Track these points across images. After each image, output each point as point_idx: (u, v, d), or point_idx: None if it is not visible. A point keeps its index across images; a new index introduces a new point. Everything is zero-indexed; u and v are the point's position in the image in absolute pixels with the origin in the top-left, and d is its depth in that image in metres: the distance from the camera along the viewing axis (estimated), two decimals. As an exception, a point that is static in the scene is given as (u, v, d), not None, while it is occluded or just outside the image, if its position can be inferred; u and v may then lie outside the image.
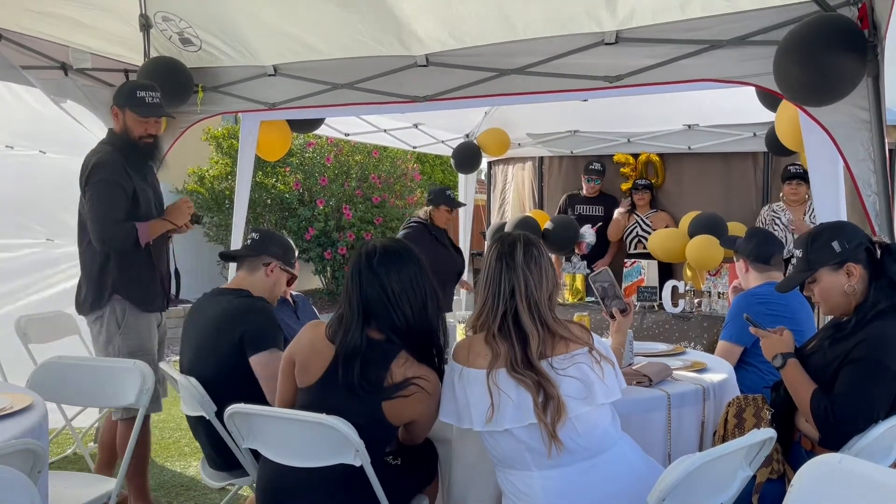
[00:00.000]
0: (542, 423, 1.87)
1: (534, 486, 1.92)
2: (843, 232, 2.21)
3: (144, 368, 2.39)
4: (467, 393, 1.95)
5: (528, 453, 1.91)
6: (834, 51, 2.47)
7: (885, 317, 2.09)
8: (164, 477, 3.83)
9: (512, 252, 2.00)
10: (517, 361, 1.91)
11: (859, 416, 2.00)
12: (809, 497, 1.38)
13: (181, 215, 3.24)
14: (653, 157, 5.87)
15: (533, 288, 1.97)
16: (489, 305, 1.99)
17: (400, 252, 2.10)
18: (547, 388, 1.88)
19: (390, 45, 3.53)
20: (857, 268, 2.15)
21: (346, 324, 2.07)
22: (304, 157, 9.89)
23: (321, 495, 2.06)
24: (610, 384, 1.96)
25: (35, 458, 1.64)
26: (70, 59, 3.80)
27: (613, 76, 3.16)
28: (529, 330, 1.94)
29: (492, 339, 1.96)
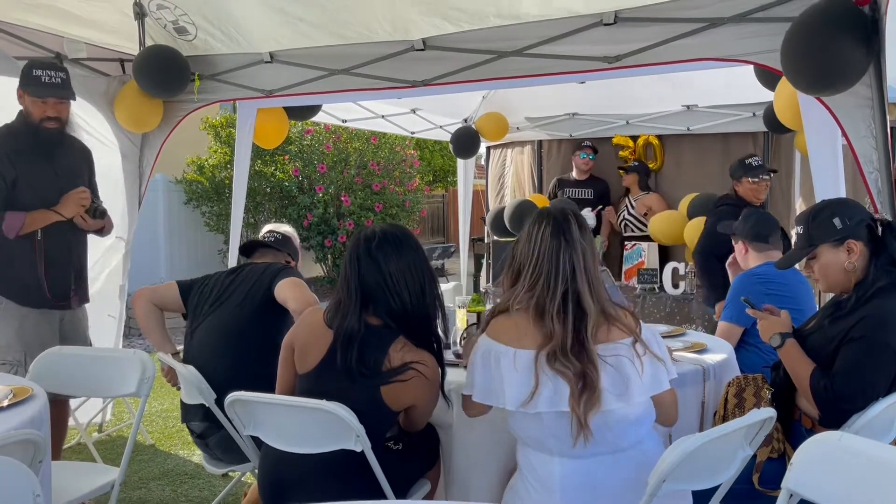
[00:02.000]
0: (574, 413, 1.79)
1: (552, 472, 1.89)
2: (845, 208, 2.19)
3: (144, 357, 2.38)
4: (504, 372, 1.85)
5: (553, 439, 1.87)
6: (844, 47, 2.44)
7: (885, 294, 2.08)
8: (167, 465, 3.85)
9: (568, 227, 1.88)
10: (567, 346, 1.80)
11: (859, 393, 1.99)
12: (809, 474, 1.38)
13: (67, 206, 3.06)
14: (652, 139, 5.84)
15: (591, 264, 1.88)
16: (543, 285, 1.86)
17: (399, 237, 2.10)
18: (590, 375, 1.79)
19: (386, 31, 3.51)
20: (857, 245, 2.14)
21: (344, 308, 2.06)
22: (302, 145, 9.86)
23: (322, 482, 2.06)
24: (648, 381, 1.85)
25: (36, 448, 1.64)
26: (65, 50, 3.77)
27: (612, 57, 3.13)
28: (589, 310, 1.83)
29: (549, 321, 1.84)
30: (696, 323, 4.37)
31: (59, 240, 3.10)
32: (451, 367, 2.55)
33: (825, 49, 2.47)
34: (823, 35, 2.48)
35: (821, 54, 2.48)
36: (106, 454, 3.92)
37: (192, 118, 4.19)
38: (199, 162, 9.69)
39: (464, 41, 3.43)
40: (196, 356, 2.71)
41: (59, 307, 3.15)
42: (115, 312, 4.28)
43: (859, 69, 2.49)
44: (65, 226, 3.09)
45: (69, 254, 3.16)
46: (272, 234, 3.15)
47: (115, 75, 4.04)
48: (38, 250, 3.02)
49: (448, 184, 16.06)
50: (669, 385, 1.90)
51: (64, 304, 3.16)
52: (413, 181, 10.90)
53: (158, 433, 4.38)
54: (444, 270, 11.03)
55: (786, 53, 2.60)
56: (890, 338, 2.00)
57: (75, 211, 3.07)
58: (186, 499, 3.43)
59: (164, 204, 9.75)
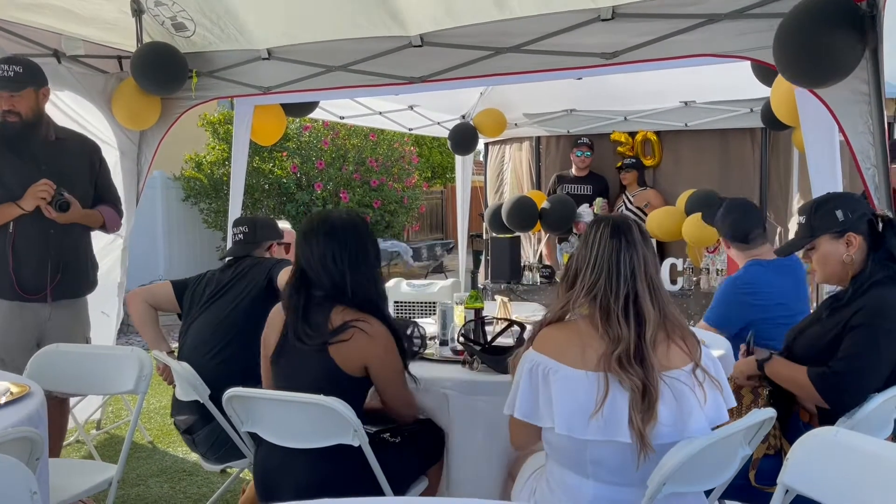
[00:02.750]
0: (633, 429, 1.66)
1: (585, 493, 1.78)
2: (848, 202, 2.22)
3: (142, 355, 2.39)
4: (553, 391, 1.72)
5: (593, 465, 1.75)
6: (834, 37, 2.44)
7: (882, 285, 2.10)
8: (165, 462, 3.85)
9: (629, 230, 1.81)
10: (630, 352, 1.70)
11: (862, 378, 2.01)
12: (805, 470, 1.39)
13: (27, 199, 2.98)
14: (650, 135, 5.84)
15: (653, 270, 1.80)
16: (605, 286, 1.76)
17: (344, 222, 2.20)
18: (650, 388, 1.68)
19: (384, 26, 3.50)
20: (857, 238, 2.16)
21: (293, 286, 2.19)
22: (300, 142, 9.86)
23: (319, 477, 2.07)
24: (710, 412, 1.73)
25: (33, 445, 1.64)
26: (62, 47, 3.76)
27: (609, 53, 3.13)
28: (649, 314, 1.74)
29: (615, 321, 1.74)
30: (693, 319, 4.37)
31: (34, 233, 3.05)
32: (448, 364, 2.57)
33: (815, 40, 2.47)
34: (813, 26, 2.49)
35: (810, 45, 2.48)
36: (104, 451, 3.92)
37: (189, 115, 4.18)
38: (198, 159, 9.68)
39: (461, 37, 3.42)
40: (190, 352, 2.74)
41: (33, 300, 3.07)
42: (110, 309, 4.28)
43: (851, 61, 2.48)
44: (43, 220, 3.02)
45: (46, 247, 3.08)
46: (239, 233, 3.13)
47: (112, 72, 4.03)
48: (9, 243, 3.01)
49: (446, 180, 16.06)
50: (722, 419, 1.76)
51: (36, 297, 3.08)
52: (411, 178, 10.90)
53: (156, 430, 4.38)
54: (443, 267, 11.04)
55: (777, 46, 2.61)
56: (890, 324, 2.03)
57: (34, 203, 2.99)
58: (185, 496, 3.43)
59: (163, 201, 9.74)
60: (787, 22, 2.57)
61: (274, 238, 3.15)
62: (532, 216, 5.41)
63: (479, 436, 2.28)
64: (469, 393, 2.32)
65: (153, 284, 3.05)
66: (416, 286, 4.38)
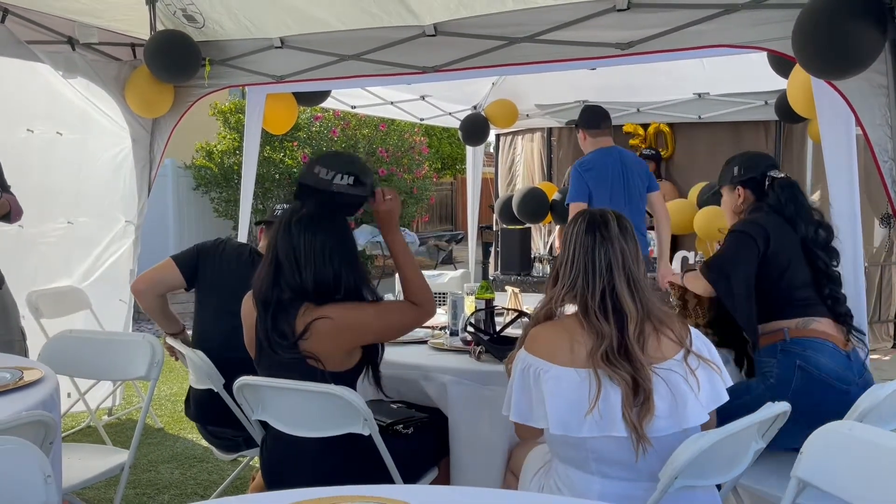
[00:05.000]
0: (628, 424, 1.66)
1: (591, 489, 1.77)
2: (747, 160, 2.74)
3: (154, 341, 2.40)
4: (545, 392, 1.72)
5: (595, 462, 1.75)
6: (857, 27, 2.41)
7: (752, 213, 2.63)
8: (176, 448, 3.88)
9: (606, 223, 1.82)
10: (614, 347, 1.70)
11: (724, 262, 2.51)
12: (819, 464, 1.38)
13: None
14: (663, 126, 5.80)
15: (631, 262, 1.80)
16: (582, 283, 1.78)
17: (321, 217, 2.10)
18: (640, 381, 1.68)
19: (398, 15, 3.48)
20: (745, 192, 2.68)
21: (262, 277, 2.10)
22: (311, 132, 9.85)
23: (327, 466, 2.07)
24: (706, 397, 1.73)
25: (47, 429, 1.65)
26: (76, 34, 3.77)
27: (625, 43, 3.10)
28: (629, 309, 1.74)
29: (593, 318, 1.75)
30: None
31: None
32: (456, 354, 2.57)
33: (837, 29, 2.44)
34: (835, 15, 2.46)
35: (832, 35, 2.46)
36: (115, 437, 3.95)
37: (201, 104, 4.18)
38: (208, 148, 9.70)
39: (475, 27, 3.40)
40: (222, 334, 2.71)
41: None
42: (125, 297, 4.31)
43: (873, 51, 2.45)
44: None
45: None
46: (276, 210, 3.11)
47: (126, 60, 4.03)
48: None
49: (456, 171, 16.03)
50: (718, 403, 1.77)
51: None
52: (421, 168, 10.88)
53: (167, 417, 4.41)
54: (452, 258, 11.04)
55: (797, 36, 2.57)
56: (744, 227, 2.53)
57: None
58: (195, 482, 3.45)
59: (174, 189, 9.77)
60: (808, 11, 2.54)
61: None
62: (543, 207, 5.39)
63: (481, 425, 2.29)
64: (471, 382, 2.32)
65: (155, 271, 2.93)
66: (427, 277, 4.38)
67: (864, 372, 2.41)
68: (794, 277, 2.47)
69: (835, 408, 2.06)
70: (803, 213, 2.56)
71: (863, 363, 2.44)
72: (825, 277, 2.49)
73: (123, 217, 4.22)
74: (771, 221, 2.53)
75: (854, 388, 2.27)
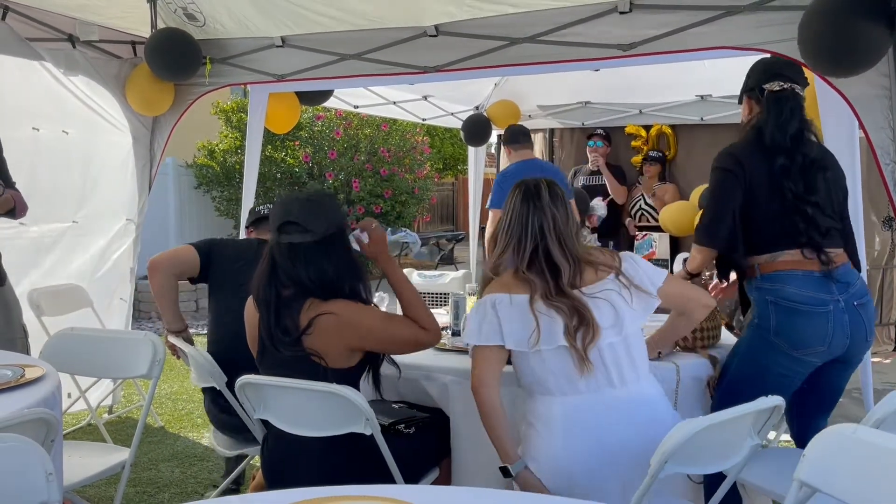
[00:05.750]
0: (572, 348, 1.90)
1: (554, 413, 1.95)
2: (756, 67, 2.55)
3: (155, 340, 2.39)
4: (501, 315, 1.97)
5: (553, 377, 1.95)
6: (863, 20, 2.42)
7: None
8: (177, 447, 3.88)
9: (538, 193, 2.04)
10: (550, 292, 1.95)
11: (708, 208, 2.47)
12: (822, 466, 1.37)
13: None
14: (665, 128, 5.80)
15: (561, 224, 2.02)
16: (515, 245, 2.03)
17: (318, 207, 2.09)
18: (581, 311, 1.92)
19: (400, 17, 3.48)
20: (749, 103, 2.53)
21: (261, 275, 2.11)
22: (313, 131, 9.86)
23: (328, 466, 2.07)
24: (638, 307, 1.99)
25: (48, 427, 1.65)
26: (77, 32, 3.77)
27: (626, 45, 3.11)
28: (560, 263, 1.98)
29: (522, 276, 1.99)
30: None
31: None
32: (458, 354, 2.57)
33: (843, 25, 2.44)
34: (841, 11, 2.46)
35: (839, 31, 2.46)
36: (115, 436, 3.95)
37: (202, 103, 4.18)
38: (210, 147, 9.70)
39: (476, 27, 3.40)
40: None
41: None
42: (125, 295, 4.31)
43: (879, 49, 2.45)
44: None
45: None
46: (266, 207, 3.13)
47: (127, 58, 4.04)
48: None
49: (458, 172, 16.03)
50: (661, 283, 2.03)
51: None
52: (423, 168, 10.88)
53: (168, 415, 4.41)
54: (454, 258, 11.04)
55: (803, 33, 2.57)
56: (723, 162, 2.45)
57: None
58: (196, 480, 3.45)
59: (175, 188, 9.77)
60: (812, 8, 2.54)
61: None
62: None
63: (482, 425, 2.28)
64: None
65: (177, 251, 2.86)
66: (428, 277, 4.38)
67: (852, 285, 2.34)
68: (765, 210, 2.37)
69: (816, 330, 2.29)
70: (782, 138, 2.37)
71: (849, 276, 2.35)
72: (793, 209, 2.34)
73: (125, 215, 4.22)
74: (745, 150, 2.42)
75: (833, 304, 2.28)
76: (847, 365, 2.42)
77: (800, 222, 2.33)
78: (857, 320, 2.31)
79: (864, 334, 2.35)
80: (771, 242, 2.36)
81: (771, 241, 2.36)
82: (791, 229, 2.34)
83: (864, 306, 2.34)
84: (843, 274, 2.34)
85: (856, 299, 2.32)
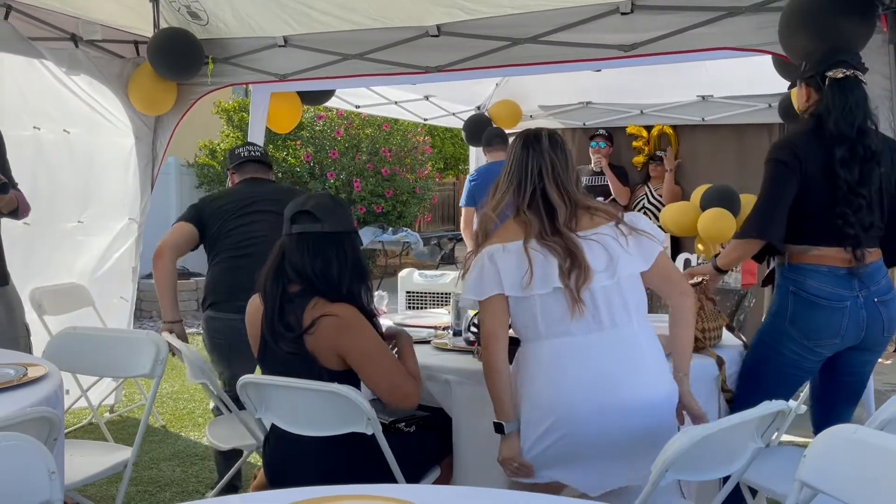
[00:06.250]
0: (566, 288, 1.93)
1: (542, 354, 1.99)
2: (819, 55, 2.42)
3: (158, 339, 2.40)
4: (499, 265, 1.99)
5: (544, 321, 1.97)
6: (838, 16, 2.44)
7: None
8: (178, 446, 3.88)
9: (538, 139, 2.07)
10: (546, 231, 1.98)
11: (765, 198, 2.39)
12: (823, 467, 1.38)
13: None
14: (666, 129, 5.79)
15: (560, 170, 2.05)
16: (515, 188, 2.05)
17: (327, 207, 2.11)
18: (574, 252, 1.95)
19: (402, 15, 3.49)
20: (807, 90, 2.42)
21: (267, 270, 2.12)
22: (314, 131, 9.87)
23: (329, 465, 2.07)
24: (636, 255, 1.99)
25: (51, 426, 1.65)
26: (80, 31, 3.77)
27: (628, 45, 3.11)
28: (557, 204, 2.00)
29: (522, 216, 2.02)
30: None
31: None
32: (460, 354, 2.57)
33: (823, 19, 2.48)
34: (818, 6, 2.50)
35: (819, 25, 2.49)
36: (117, 435, 3.95)
37: (204, 102, 4.19)
38: (212, 146, 9.70)
39: (478, 28, 3.41)
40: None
41: None
42: (126, 295, 4.31)
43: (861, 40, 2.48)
44: None
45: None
46: (256, 149, 3.28)
47: (129, 57, 4.04)
48: None
49: (459, 172, 16.02)
50: (659, 248, 2.04)
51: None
52: (424, 168, 10.89)
53: (169, 415, 4.42)
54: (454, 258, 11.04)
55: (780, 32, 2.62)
56: (779, 154, 2.37)
57: None
58: (196, 479, 3.45)
59: (176, 187, 9.77)
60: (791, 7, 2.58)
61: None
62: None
63: (484, 425, 2.28)
64: (475, 381, 2.32)
65: (170, 235, 2.98)
66: (429, 276, 4.38)
67: (875, 283, 2.34)
68: (815, 201, 2.33)
69: (830, 324, 2.33)
70: (848, 129, 2.29)
71: (876, 274, 2.36)
72: (844, 200, 2.29)
73: (127, 215, 4.22)
74: (802, 140, 2.37)
75: (852, 300, 2.31)
76: (865, 352, 2.42)
77: (849, 215, 2.29)
78: (874, 315, 2.34)
79: (882, 329, 2.36)
80: (816, 235, 2.35)
81: (816, 235, 2.35)
82: (838, 223, 2.30)
83: (885, 303, 2.35)
84: (871, 272, 2.35)
85: (877, 296, 2.34)
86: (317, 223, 2.09)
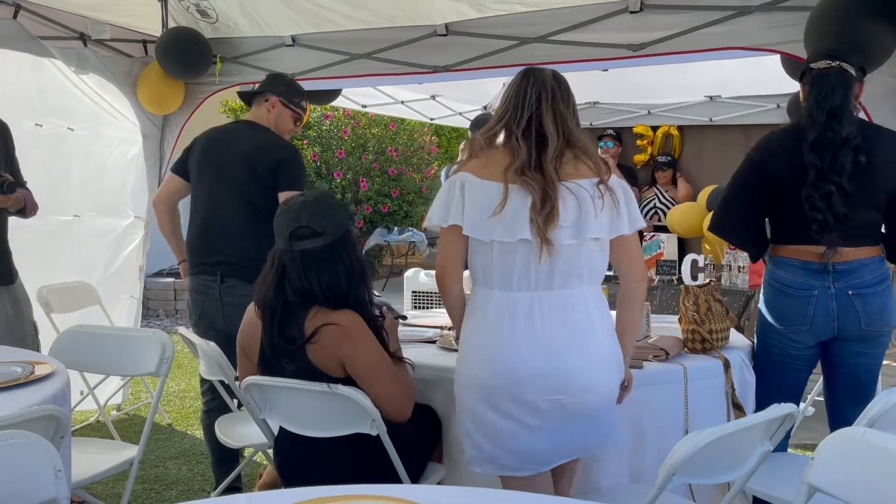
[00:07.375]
0: (535, 226, 1.87)
1: (490, 305, 1.97)
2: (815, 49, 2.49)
3: (164, 337, 2.40)
4: (467, 198, 1.94)
5: (498, 271, 1.94)
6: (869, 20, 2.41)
7: None
8: (184, 445, 3.89)
9: (541, 70, 2.01)
10: (530, 165, 1.90)
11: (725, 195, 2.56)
12: (831, 470, 1.37)
13: None
14: (672, 130, 5.78)
15: (560, 100, 1.97)
16: (511, 114, 1.97)
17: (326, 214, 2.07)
18: (549, 192, 1.88)
19: (410, 14, 3.49)
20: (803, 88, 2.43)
21: (265, 280, 2.08)
22: (321, 130, 9.87)
23: (342, 464, 2.08)
24: (605, 222, 1.92)
25: (57, 423, 1.66)
26: (88, 30, 3.79)
27: (637, 45, 3.10)
28: (550, 134, 1.92)
29: (515, 143, 1.94)
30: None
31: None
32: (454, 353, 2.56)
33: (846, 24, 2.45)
34: (844, 10, 2.47)
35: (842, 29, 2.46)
36: (123, 433, 3.97)
37: (211, 102, 4.19)
38: (219, 145, 9.72)
39: (486, 27, 3.40)
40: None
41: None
42: (135, 293, 4.32)
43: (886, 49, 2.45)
44: None
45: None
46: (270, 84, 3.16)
47: (138, 57, 4.05)
48: None
49: (465, 171, 16.00)
50: (629, 232, 1.97)
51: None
52: (431, 168, 10.89)
53: (175, 413, 4.43)
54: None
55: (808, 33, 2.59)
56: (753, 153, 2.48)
57: None
58: (203, 478, 3.46)
59: (183, 186, 9.79)
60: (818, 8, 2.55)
61: (279, 95, 3.05)
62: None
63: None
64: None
65: (162, 188, 3.20)
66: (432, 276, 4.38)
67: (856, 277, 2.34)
68: (787, 196, 2.35)
69: (795, 310, 2.40)
70: (818, 113, 2.28)
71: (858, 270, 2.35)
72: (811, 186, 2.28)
73: (133, 213, 4.24)
74: (778, 137, 2.42)
75: (821, 290, 2.36)
76: (850, 342, 2.42)
77: (816, 199, 2.27)
78: (846, 306, 2.36)
79: (859, 321, 2.36)
80: (791, 232, 2.43)
81: (791, 231, 2.43)
82: (808, 217, 2.30)
83: (861, 296, 2.35)
84: (852, 269, 2.35)
85: (854, 289, 2.35)
86: (318, 238, 2.02)
